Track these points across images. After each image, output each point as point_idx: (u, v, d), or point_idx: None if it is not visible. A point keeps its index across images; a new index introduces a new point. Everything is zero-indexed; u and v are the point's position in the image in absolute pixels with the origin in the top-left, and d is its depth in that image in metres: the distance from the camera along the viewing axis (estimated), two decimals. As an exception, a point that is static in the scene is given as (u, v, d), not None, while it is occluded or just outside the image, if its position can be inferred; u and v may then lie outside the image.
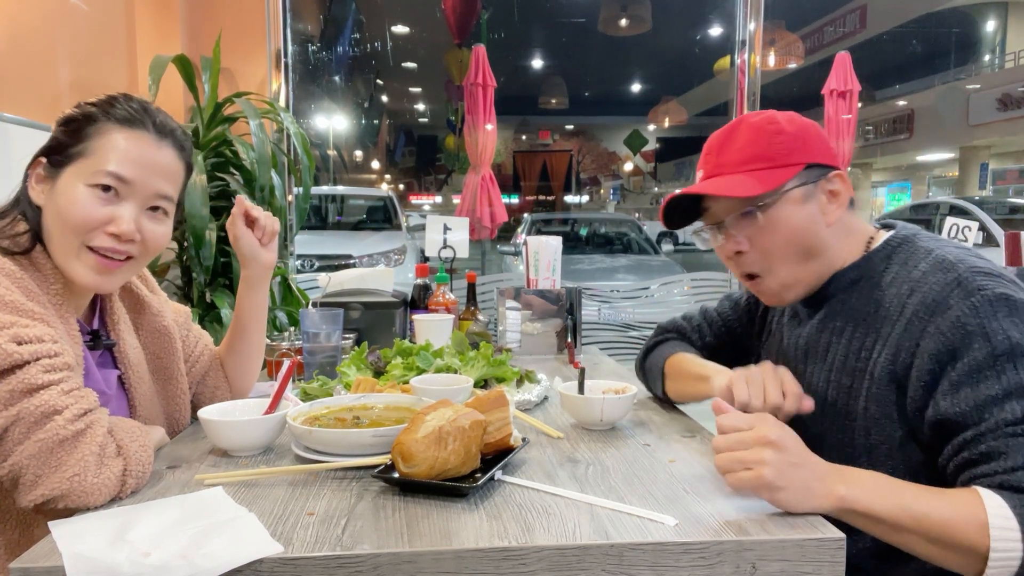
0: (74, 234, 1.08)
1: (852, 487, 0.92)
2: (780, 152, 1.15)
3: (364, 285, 2.08)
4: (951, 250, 1.09)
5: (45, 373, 0.95)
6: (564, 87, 19.61)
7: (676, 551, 0.84)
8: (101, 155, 1.09)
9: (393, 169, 25.69)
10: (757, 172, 1.14)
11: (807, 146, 1.16)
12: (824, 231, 1.16)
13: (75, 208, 1.07)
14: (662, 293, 3.97)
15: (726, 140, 1.20)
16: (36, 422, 0.92)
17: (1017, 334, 0.96)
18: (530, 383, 1.55)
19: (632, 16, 11.82)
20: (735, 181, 1.15)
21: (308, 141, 2.88)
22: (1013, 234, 3.29)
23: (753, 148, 1.16)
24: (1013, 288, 1.00)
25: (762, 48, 3.23)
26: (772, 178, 1.14)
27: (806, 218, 1.15)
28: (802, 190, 1.15)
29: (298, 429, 1.10)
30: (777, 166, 1.15)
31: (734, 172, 1.16)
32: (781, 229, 1.14)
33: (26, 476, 0.92)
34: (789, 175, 1.14)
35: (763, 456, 0.90)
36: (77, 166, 1.09)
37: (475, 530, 0.86)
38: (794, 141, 1.16)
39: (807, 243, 1.16)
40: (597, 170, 30.83)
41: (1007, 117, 15.55)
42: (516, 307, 2.12)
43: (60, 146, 1.11)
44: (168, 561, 0.78)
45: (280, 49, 3.15)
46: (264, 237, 1.35)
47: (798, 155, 1.15)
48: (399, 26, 14.52)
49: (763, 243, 1.16)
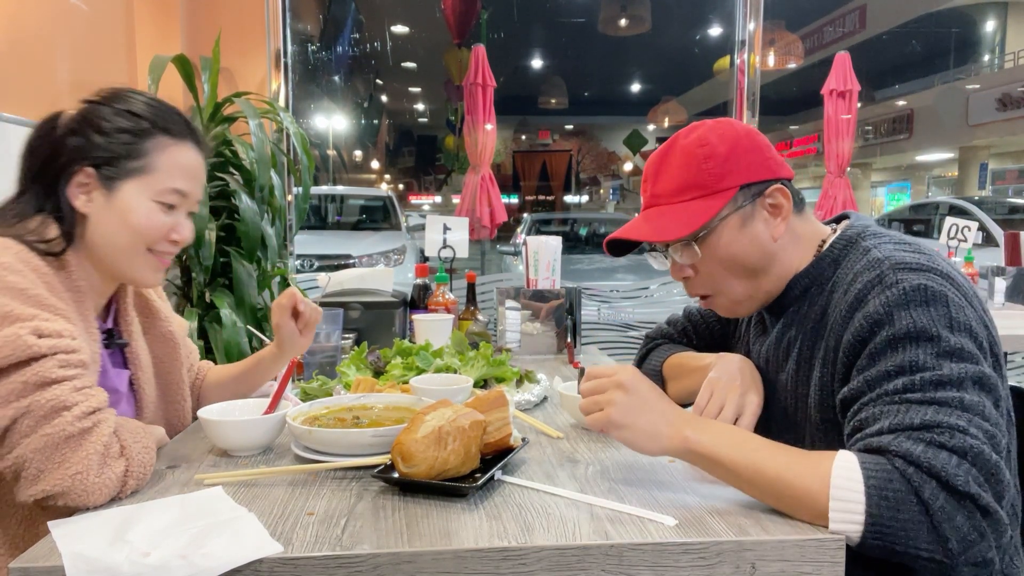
0: (143, 243, 1.17)
1: (700, 432, 0.98)
2: (710, 179, 1.11)
3: (364, 285, 2.08)
4: (887, 247, 1.06)
5: (60, 368, 0.96)
6: (564, 87, 19.60)
7: (676, 551, 0.84)
8: (166, 173, 1.17)
9: (393, 169, 25.69)
10: (689, 203, 1.12)
11: (739, 167, 1.12)
12: (770, 246, 1.13)
13: (147, 221, 1.16)
14: (662, 293, 3.97)
15: (659, 168, 1.16)
16: (45, 416, 0.93)
17: (924, 320, 0.94)
18: (530, 383, 1.55)
19: (632, 16, 11.82)
20: (665, 221, 1.12)
21: (308, 141, 2.88)
22: (1013, 234, 3.30)
23: (684, 176, 1.13)
24: (937, 280, 0.97)
25: (762, 48, 3.23)
26: (704, 209, 1.11)
27: (747, 241, 1.12)
28: (739, 215, 1.12)
29: (298, 429, 1.10)
30: (709, 193, 1.11)
31: (669, 203, 1.14)
32: (721, 255, 1.13)
33: (29, 470, 0.93)
34: (722, 202, 1.11)
35: (613, 397, 1.01)
36: (141, 181, 1.15)
37: (475, 530, 0.86)
38: (724, 164, 1.11)
39: (750, 263, 1.13)
40: (597, 170, 30.81)
41: (1006, 117, 15.55)
42: (516, 307, 2.12)
43: (114, 159, 1.14)
44: (168, 561, 0.78)
45: (280, 49, 3.15)
46: (305, 329, 1.39)
47: (730, 179, 1.11)
48: (399, 26, 14.52)
49: (706, 270, 1.15)
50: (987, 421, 0.90)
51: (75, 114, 1.17)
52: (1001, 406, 0.95)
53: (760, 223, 1.13)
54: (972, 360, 0.93)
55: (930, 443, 0.87)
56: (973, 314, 0.98)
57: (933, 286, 0.97)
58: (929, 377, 0.92)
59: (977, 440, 0.87)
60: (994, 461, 0.86)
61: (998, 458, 0.87)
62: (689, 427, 0.99)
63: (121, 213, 1.14)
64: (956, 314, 0.96)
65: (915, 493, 0.84)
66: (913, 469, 0.85)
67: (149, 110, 1.18)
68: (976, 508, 0.84)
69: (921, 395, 0.92)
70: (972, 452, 0.86)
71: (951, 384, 0.92)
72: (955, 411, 0.89)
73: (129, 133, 1.15)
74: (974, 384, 0.92)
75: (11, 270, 1.01)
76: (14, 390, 0.93)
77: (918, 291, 0.97)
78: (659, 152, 1.18)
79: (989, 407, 0.91)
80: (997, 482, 0.86)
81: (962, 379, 0.92)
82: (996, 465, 0.86)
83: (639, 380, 1.04)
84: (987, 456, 0.86)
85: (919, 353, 0.94)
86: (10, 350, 0.93)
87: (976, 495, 0.84)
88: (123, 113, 1.16)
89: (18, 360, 0.94)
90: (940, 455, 0.85)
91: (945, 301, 0.96)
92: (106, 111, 1.16)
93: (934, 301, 0.96)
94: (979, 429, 0.88)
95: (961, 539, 0.83)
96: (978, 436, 0.88)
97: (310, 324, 1.40)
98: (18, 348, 0.94)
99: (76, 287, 1.12)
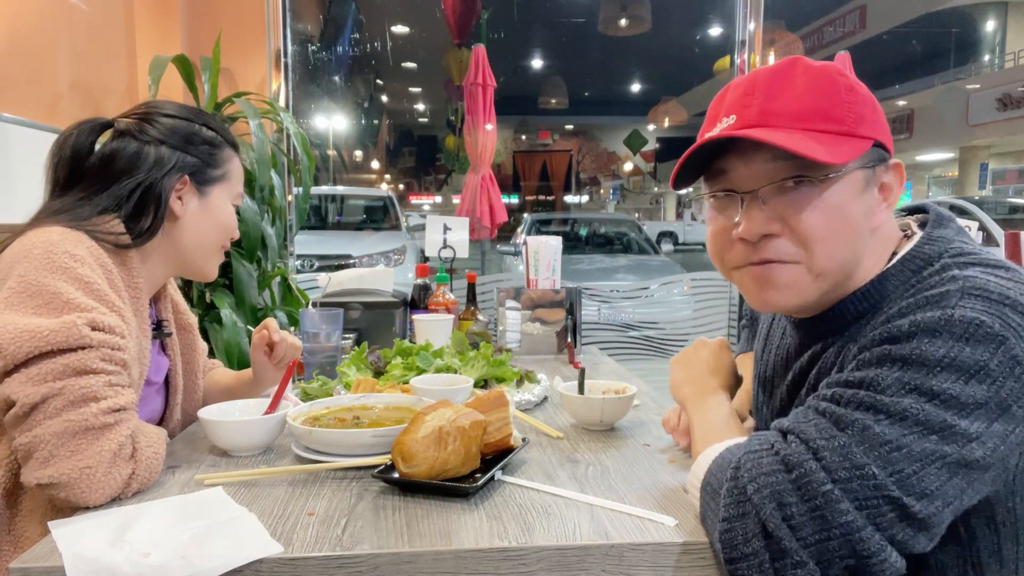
0: (226, 238, 1.34)
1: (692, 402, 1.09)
2: (850, 117, 0.87)
3: (364, 285, 2.08)
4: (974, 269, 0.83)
5: (102, 361, 1.00)
6: (564, 87, 19.62)
7: (676, 551, 0.84)
8: (236, 180, 1.36)
9: (393, 169, 25.69)
10: (820, 135, 0.86)
11: (878, 117, 0.89)
12: (868, 234, 0.90)
13: (229, 220, 1.34)
14: (662, 293, 3.97)
15: (779, 82, 0.89)
16: (73, 402, 0.95)
17: (942, 353, 0.76)
18: (530, 383, 1.55)
19: (632, 16, 11.83)
20: (797, 139, 0.85)
21: (308, 141, 2.88)
22: (1013, 234, 3.30)
23: (817, 101, 0.87)
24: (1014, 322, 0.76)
25: (762, 48, 3.23)
26: (840, 148, 0.85)
27: (860, 210, 0.88)
28: (864, 174, 0.88)
29: (298, 429, 1.10)
30: (844, 134, 0.87)
31: (789, 127, 0.86)
32: (836, 215, 0.87)
33: (41, 451, 0.94)
34: (859, 150, 0.87)
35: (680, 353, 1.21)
36: (223, 187, 1.32)
37: (475, 530, 0.86)
38: (865, 106, 0.88)
39: (858, 244, 0.89)
40: (597, 170, 30.83)
41: (1007, 117, 15.56)
42: (516, 307, 2.12)
43: (203, 167, 1.29)
44: (168, 561, 0.78)
45: (280, 49, 3.14)
46: (278, 364, 1.45)
47: (867, 127, 0.88)
48: (399, 26, 14.53)
49: (808, 228, 0.87)
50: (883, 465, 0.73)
51: (160, 125, 1.26)
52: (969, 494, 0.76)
53: (872, 199, 0.90)
54: (960, 413, 0.74)
55: (768, 448, 0.80)
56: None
57: (993, 326, 0.76)
58: (867, 398, 0.77)
59: (819, 466, 0.75)
60: (823, 492, 0.73)
61: (840, 498, 0.73)
62: (691, 394, 1.10)
63: (213, 214, 1.30)
64: (997, 368, 0.75)
65: (727, 488, 0.81)
66: (738, 466, 0.81)
67: (219, 125, 1.35)
68: (755, 517, 0.76)
69: (832, 407, 0.79)
70: (799, 470, 0.75)
71: (886, 415, 0.75)
72: (839, 432, 0.76)
73: (211, 145, 1.31)
74: (926, 432, 0.74)
75: (83, 263, 1.07)
76: (53, 370, 0.96)
77: (969, 325, 0.76)
78: (773, 67, 0.91)
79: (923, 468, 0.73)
80: (819, 518, 0.73)
81: (911, 420, 0.74)
82: (826, 499, 0.73)
83: (703, 346, 1.18)
84: (815, 487, 0.74)
85: (891, 375, 0.77)
86: (64, 335, 0.97)
87: (759, 504, 0.76)
88: (208, 130, 1.31)
89: (68, 346, 0.97)
90: (764, 460, 0.79)
91: (996, 347, 0.75)
92: (194, 128, 1.29)
93: (979, 341, 0.75)
94: (844, 459, 0.74)
95: (728, 543, 0.78)
96: (831, 464, 0.74)
97: (284, 360, 1.44)
98: (72, 335, 0.97)
99: (135, 284, 1.19)
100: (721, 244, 0.96)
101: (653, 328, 3.76)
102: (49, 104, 2.37)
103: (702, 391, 1.11)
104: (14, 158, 1.97)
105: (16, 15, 2.26)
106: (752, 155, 0.89)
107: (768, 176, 0.88)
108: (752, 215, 0.89)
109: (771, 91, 0.88)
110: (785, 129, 0.86)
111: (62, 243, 1.07)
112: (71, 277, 1.04)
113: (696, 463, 0.92)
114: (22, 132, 2.02)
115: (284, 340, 1.43)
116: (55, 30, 2.46)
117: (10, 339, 0.95)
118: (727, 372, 1.16)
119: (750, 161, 0.90)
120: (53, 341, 0.96)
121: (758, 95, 0.89)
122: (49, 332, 0.96)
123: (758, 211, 0.89)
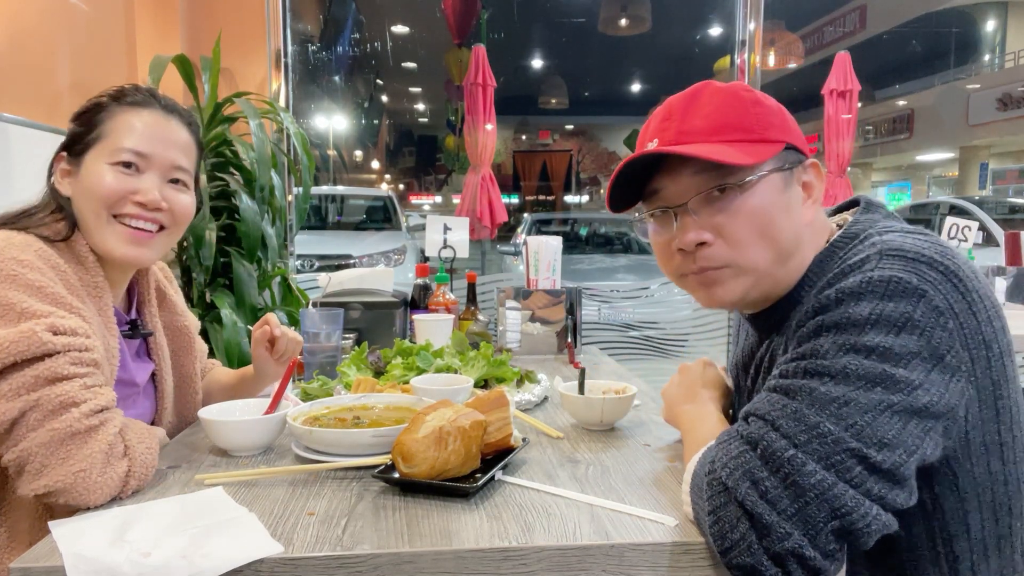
0: (103, 207, 1.16)
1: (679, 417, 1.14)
2: (758, 124, 0.95)
3: (364, 285, 2.09)
4: (893, 235, 0.90)
5: (72, 365, 0.98)
6: (564, 87, 19.61)
7: (676, 551, 0.84)
8: (117, 135, 1.18)
9: (393, 169, 25.69)
10: (732, 144, 0.93)
11: (785, 124, 0.97)
12: (800, 228, 0.96)
13: (103, 183, 1.15)
14: (662, 293, 3.97)
15: (689, 104, 0.97)
16: (53, 411, 0.94)
17: (867, 311, 0.80)
18: (530, 383, 1.55)
19: (632, 16, 11.82)
20: (711, 148, 0.93)
21: (308, 141, 2.88)
22: (1013, 234, 3.30)
23: (726, 115, 0.95)
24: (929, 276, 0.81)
25: (762, 48, 3.23)
26: (751, 152, 0.93)
27: (783, 208, 0.95)
28: (781, 175, 0.95)
29: (298, 429, 1.10)
30: (755, 140, 0.94)
31: (704, 141, 0.94)
32: (758, 214, 0.94)
33: (32, 464, 0.93)
34: (770, 152, 0.94)
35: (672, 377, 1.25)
36: (97, 150, 1.17)
37: (475, 530, 0.86)
38: (771, 115, 0.97)
39: (782, 237, 0.95)
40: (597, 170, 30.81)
41: (1007, 117, 15.55)
42: (516, 307, 2.12)
43: (77, 137, 1.19)
44: (168, 561, 0.78)
45: (280, 49, 3.14)
46: (280, 359, 1.43)
47: (776, 132, 0.96)
48: (399, 26, 14.52)
49: (736, 232, 0.94)
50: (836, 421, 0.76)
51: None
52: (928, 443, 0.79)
53: (794, 198, 0.97)
54: (897, 364, 0.78)
55: (734, 436, 0.84)
56: (959, 329, 0.81)
57: (911, 281, 0.81)
58: (808, 365, 0.82)
59: (778, 435, 0.79)
60: (787, 458, 0.76)
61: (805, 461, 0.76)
62: (685, 412, 1.12)
63: (84, 182, 1.17)
64: (922, 318, 0.79)
65: (707, 482, 0.83)
66: (713, 459, 0.85)
67: (114, 91, 1.22)
68: (735, 502, 0.78)
69: (781, 381, 0.84)
70: (763, 443, 0.79)
71: (829, 376, 0.79)
72: (790, 401, 0.80)
73: (88, 112, 1.20)
74: (870, 385, 0.77)
75: (31, 267, 1.03)
76: (25, 383, 0.94)
77: (888, 283, 0.81)
78: (686, 93, 0.99)
79: (875, 418, 0.76)
80: (791, 485, 0.76)
81: (852, 376, 0.78)
82: (792, 465, 0.76)
83: (688, 369, 1.22)
84: (779, 455, 0.77)
85: (827, 341, 0.82)
86: (25, 345, 0.95)
87: (733, 488, 0.79)
88: (92, 99, 1.21)
89: (32, 356, 0.95)
90: (731, 446, 0.83)
91: (917, 300, 0.80)
92: (93, 100, 1.21)
93: (900, 296, 0.80)
94: (798, 423, 0.78)
95: (718, 535, 0.79)
96: (788, 430, 0.78)
97: (285, 355, 1.43)
98: (33, 344, 0.95)
99: (94, 283, 1.15)
100: (665, 256, 1.04)
101: (653, 328, 3.76)
102: (49, 104, 2.37)
103: (695, 405, 1.13)
104: (14, 158, 1.97)
105: (16, 15, 2.26)
106: (678, 171, 0.97)
107: (695, 188, 0.96)
108: (685, 225, 0.97)
109: (685, 113, 0.97)
110: (701, 143, 0.94)
111: (7, 249, 1.03)
112: (21, 284, 1.00)
113: (686, 470, 0.93)
114: (22, 132, 2.01)
115: (285, 335, 1.41)
116: (55, 30, 2.46)
117: None
118: (715, 385, 1.18)
119: (677, 177, 0.98)
120: (15, 352, 0.94)
121: (675, 118, 0.97)
122: (9, 343, 0.94)
123: (691, 221, 0.97)
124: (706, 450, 0.90)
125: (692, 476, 0.89)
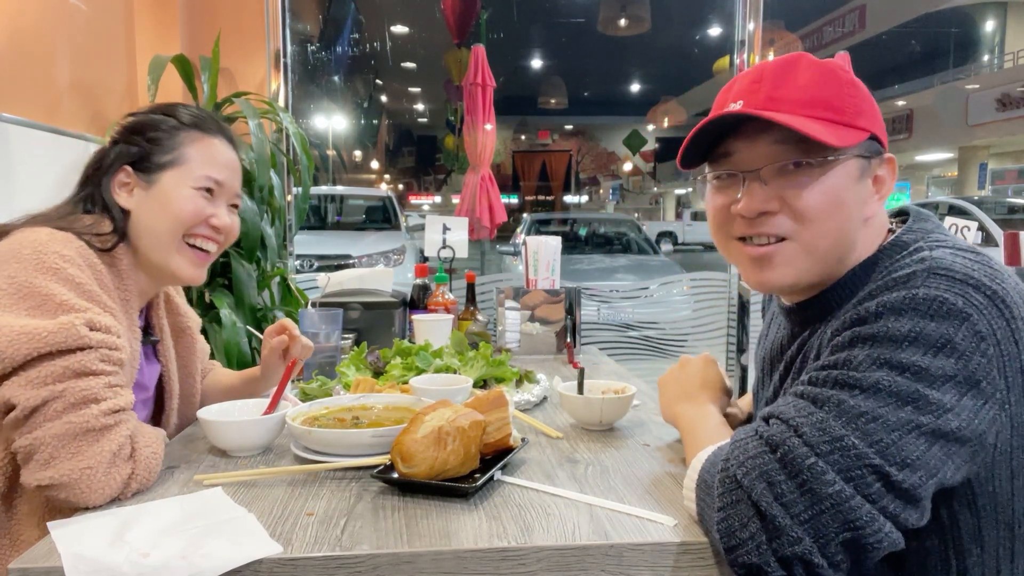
0: (181, 228, 1.22)
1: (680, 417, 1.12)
2: (850, 108, 0.92)
3: (363, 285, 2.09)
4: (943, 251, 0.87)
5: (101, 362, 0.99)
6: (563, 87, 19.63)
7: (676, 551, 0.84)
8: (200, 163, 1.24)
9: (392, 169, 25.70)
10: (822, 122, 0.90)
11: (875, 112, 0.95)
12: (862, 224, 0.94)
13: (187, 206, 1.22)
14: (661, 293, 3.97)
15: (785, 72, 0.94)
16: (74, 404, 0.95)
17: (906, 329, 0.79)
18: (529, 383, 1.55)
19: (631, 16, 11.83)
20: (802, 121, 0.90)
21: (307, 141, 2.88)
22: (1012, 234, 3.30)
23: (822, 90, 0.92)
24: (975, 300, 0.80)
25: (761, 48, 3.23)
26: (840, 135, 0.90)
27: (854, 197, 0.93)
28: (859, 164, 0.93)
29: (297, 429, 1.10)
30: (844, 124, 0.91)
31: (794, 112, 0.91)
32: (831, 197, 0.91)
33: (42, 454, 0.94)
34: (856, 139, 0.92)
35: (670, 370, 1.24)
36: (178, 172, 1.23)
37: (474, 530, 0.86)
38: (864, 102, 0.94)
39: (848, 228, 0.93)
40: (596, 170, 30.85)
41: (1006, 117, 15.57)
42: (515, 307, 2.12)
43: (146, 154, 1.23)
44: (168, 561, 0.78)
45: (279, 49, 3.14)
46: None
47: (865, 119, 0.93)
48: (398, 26, 14.52)
49: (804, 207, 0.92)
50: (862, 436, 0.75)
51: (120, 126, 1.27)
52: (949, 467, 0.78)
53: (865, 190, 0.95)
54: (931, 385, 0.77)
55: (752, 435, 0.83)
56: (998, 356, 0.79)
57: (956, 303, 0.79)
58: (840, 376, 0.81)
59: (801, 441, 0.77)
60: (807, 466, 0.75)
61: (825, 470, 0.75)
62: (683, 411, 1.12)
63: (161, 201, 1.22)
64: (962, 342, 0.78)
65: (719, 479, 0.82)
66: (727, 457, 0.83)
67: (180, 111, 1.27)
68: (748, 500, 0.78)
69: (809, 388, 0.82)
70: (783, 448, 0.78)
71: (859, 389, 0.78)
72: (816, 409, 0.79)
73: (160, 130, 1.24)
74: (901, 404, 0.76)
75: (72, 263, 1.06)
76: (53, 373, 0.95)
77: (932, 303, 0.79)
78: (777, 60, 0.96)
79: (901, 437, 0.75)
80: (808, 492, 0.75)
81: (884, 391, 0.77)
82: (811, 472, 0.75)
83: (689, 363, 1.22)
84: (800, 461, 0.76)
85: (862, 353, 0.81)
86: (63, 336, 0.96)
87: (748, 486, 0.78)
88: (156, 117, 1.26)
89: (68, 348, 0.97)
90: (749, 445, 0.81)
91: (960, 323, 0.78)
92: (141, 117, 1.26)
93: (943, 317, 0.79)
94: (823, 432, 0.77)
95: (726, 531, 0.79)
96: (812, 439, 0.77)
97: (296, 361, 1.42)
98: (71, 336, 0.97)
99: (124, 287, 1.18)
100: (722, 218, 1.01)
101: (653, 328, 3.76)
102: (49, 104, 2.37)
103: (694, 405, 1.13)
104: (14, 158, 1.97)
105: (16, 15, 2.26)
106: (757, 137, 0.94)
107: (771, 157, 0.93)
108: (753, 192, 0.94)
109: (778, 80, 0.93)
110: (790, 114, 0.91)
111: (51, 243, 1.06)
112: (62, 278, 1.03)
113: (690, 468, 0.93)
114: (22, 132, 2.01)
115: (299, 339, 1.41)
116: (55, 30, 2.46)
117: (7, 342, 0.94)
118: (715, 386, 1.18)
119: (755, 143, 0.94)
120: (52, 342, 0.95)
121: (766, 83, 0.94)
122: (47, 333, 0.96)
123: (759, 189, 0.94)
124: (717, 449, 0.89)
125: (699, 473, 0.89)
